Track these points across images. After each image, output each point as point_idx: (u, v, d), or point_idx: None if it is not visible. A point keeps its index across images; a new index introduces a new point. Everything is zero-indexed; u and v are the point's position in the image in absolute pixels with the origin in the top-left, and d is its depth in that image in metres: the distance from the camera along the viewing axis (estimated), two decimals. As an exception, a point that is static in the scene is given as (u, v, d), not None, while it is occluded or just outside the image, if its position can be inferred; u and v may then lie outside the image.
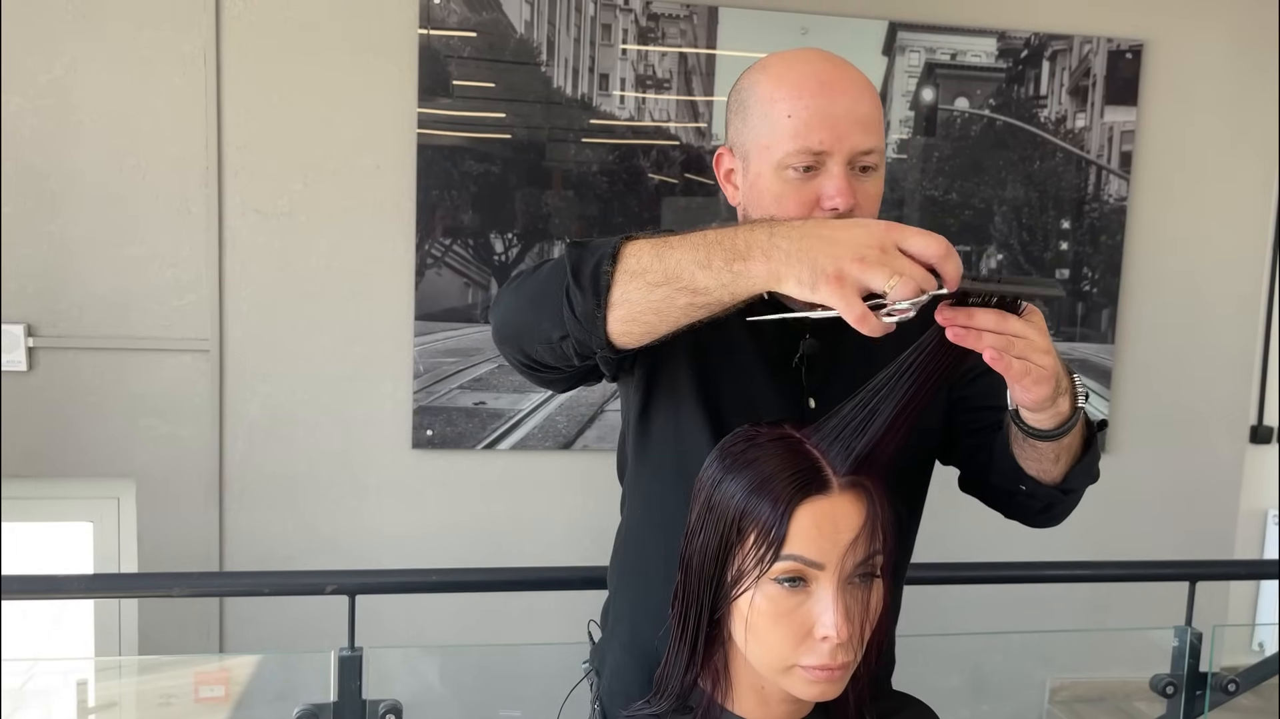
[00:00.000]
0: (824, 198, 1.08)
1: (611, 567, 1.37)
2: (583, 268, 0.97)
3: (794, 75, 1.10)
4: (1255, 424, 3.47)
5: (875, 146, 1.09)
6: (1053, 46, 3.13)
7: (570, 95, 2.89)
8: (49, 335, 2.71)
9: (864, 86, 1.11)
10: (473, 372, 2.92)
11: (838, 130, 1.07)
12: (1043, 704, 3.37)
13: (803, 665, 0.92)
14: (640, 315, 0.95)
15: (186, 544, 2.82)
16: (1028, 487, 1.10)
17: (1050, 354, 0.93)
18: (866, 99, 1.10)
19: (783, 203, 1.09)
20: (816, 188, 1.08)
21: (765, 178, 1.10)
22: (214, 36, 2.70)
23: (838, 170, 1.07)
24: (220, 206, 2.76)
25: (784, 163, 1.08)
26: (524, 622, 2.74)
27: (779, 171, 1.09)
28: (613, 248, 0.96)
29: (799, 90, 1.08)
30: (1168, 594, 2.12)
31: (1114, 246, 3.23)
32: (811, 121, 1.07)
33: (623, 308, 0.95)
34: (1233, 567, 3.18)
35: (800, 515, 0.90)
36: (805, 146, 1.07)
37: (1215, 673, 2.00)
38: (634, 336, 0.97)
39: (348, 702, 1.67)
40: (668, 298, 0.94)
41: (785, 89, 1.09)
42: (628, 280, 0.95)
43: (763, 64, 1.14)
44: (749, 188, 1.14)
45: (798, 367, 1.16)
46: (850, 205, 1.07)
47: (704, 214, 3.00)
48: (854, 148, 1.07)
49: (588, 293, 0.96)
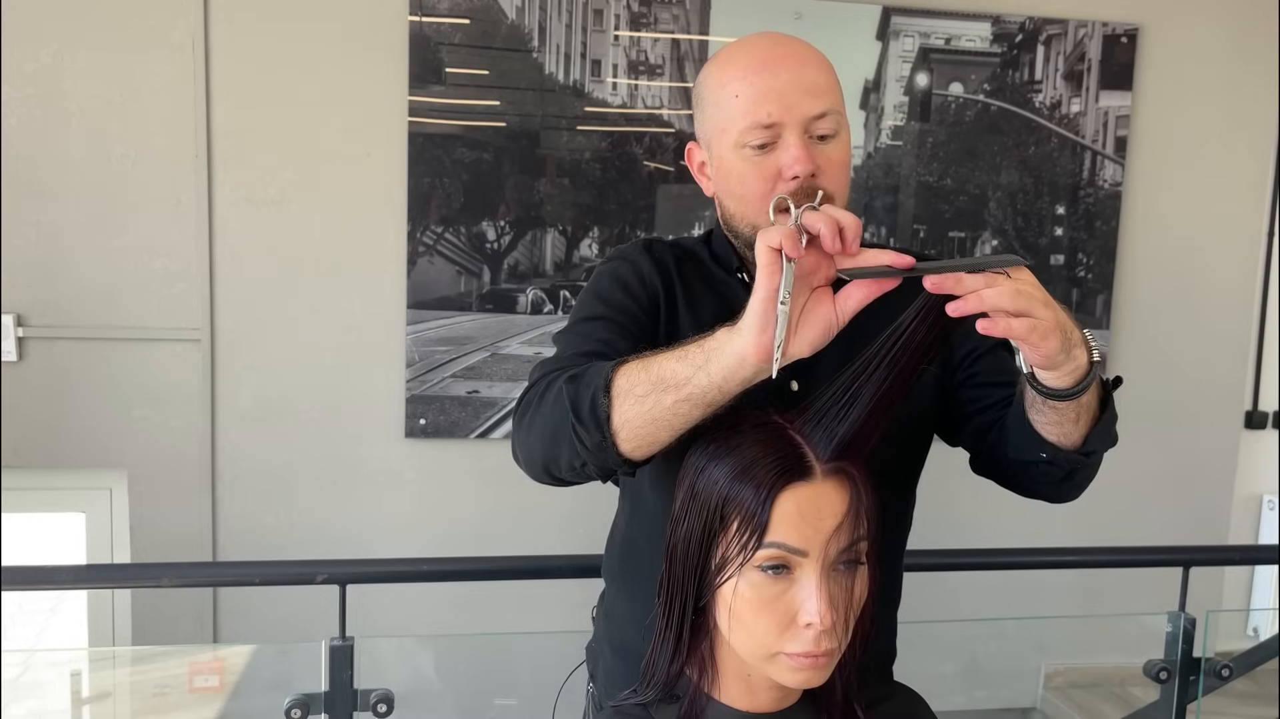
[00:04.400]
0: (784, 168, 1.09)
1: (605, 563, 1.36)
2: (581, 404, 1.00)
3: (738, 57, 1.12)
4: (1250, 409, 3.47)
5: (828, 110, 1.10)
6: (1047, 31, 3.11)
7: (563, 82, 2.87)
8: (39, 325, 2.70)
9: (809, 57, 1.12)
10: (465, 360, 2.91)
11: (785, 100, 1.08)
12: (1037, 690, 3.38)
13: (787, 653, 0.91)
14: (641, 429, 0.97)
15: (179, 534, 2.81)
16: (1049, 454, 1.06)
17: (1050, 305, 0.89)
18: (813, 68, 1.11)
19: (746, 181, 1.11)
20: (775, 161, 1.09)
21: (727, 160, 1.12)
22: (202, 23, 2.68)
23: (794, 139, 1.08)
24: (210, 196, 2.74)
25: (740, 141, 1.10)
26: (516, 611, 2.74)
27: (738, 151, 1.10)
28: (604, 378, 0.98)
29: (743, 70, 1.10)
30: (1162, 580, 2.11)
31: (1109, 232, 3.23)
32: (757, 97, 1.08)
33: (625, 429, 0.97)
34: (1227, 552, 3.18)
35: (783, 502, 0.89)
36: (755, 121, 1.08)
37: (1209, 658, 2.01)
38: (645, 449, 0.98)
39: (339, 691, 1.67)
40: (657, 402, 0.95)
41: (731, 71, 1.11)
42: (621, 402, 0.97)
43: (714, 56, 1.17)
44: (716, 174, 1.16)
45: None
46: (810, 170, 1.08)
47: (698, 201, 2.99)
48: (804, 114, 1.08)
49: (590, 427, 0.98)
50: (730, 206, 1.16)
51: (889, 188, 3.07)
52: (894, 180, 3.07)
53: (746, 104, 1.09)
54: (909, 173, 3.08)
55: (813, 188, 1.08)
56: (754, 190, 1.10)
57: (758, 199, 1.10)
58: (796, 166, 1.08)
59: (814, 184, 1.08)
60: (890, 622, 1.30)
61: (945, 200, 3.11)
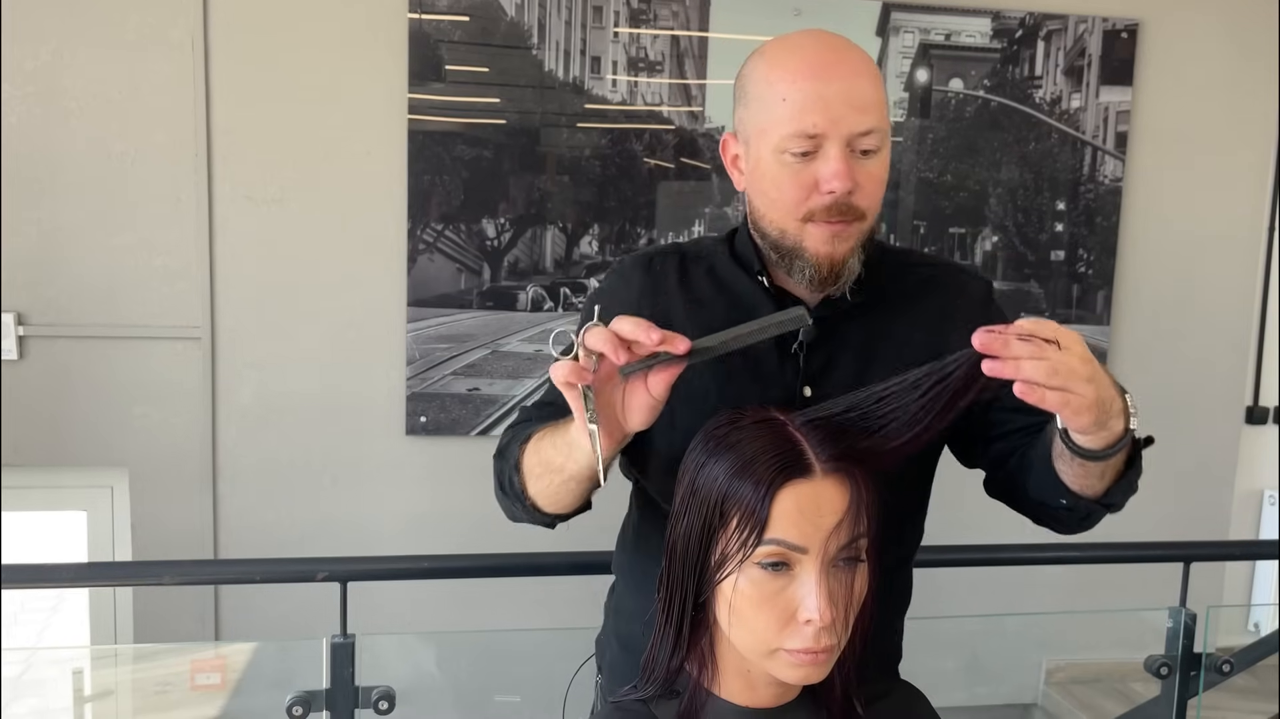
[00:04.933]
0: (821, 181, 1.06)
1: (615, 557, 1.37)
2: (503, 481, 1.16)
3: (789, 58, 1.09)
4: (1251, 405, 3.46)
5: (874, 127, 1.07)
6: (1047, 26, 3.11)
7: (562, 79, 2.87)
8: (39, 324, 2.70)
9: (862, 67, 1.09)
10: (466, 358, 2.91)
11: (832, 113, 1.05)
12: (1038, 686, 3.38)
13: (787, 649, 0.91)
14: (550, 499, 1.11)
15: (181, 532, 2.81)
16: (1069, 501, 1.08)
17: (1092, 381, 0.91)
18: (865, 80, 1.08)
19: (781, 187, 1.09)
20: (814, 171, 1.07)
21: (765, 162, 1.09)
22: (202, 21, 2.68)
23: (835, 153, 1.06)
24: (210, 193, 2.74)
25: (781, 146, 1.07)
26: (517, 608, 2.74)
27: (777, 156, 1.08)
28: (514, 460, 1.13)
29: (794, 73, 1.07)
30: (1163, 575, 2.11)
31: (1109, 228, 3.22)
32: (805, 104, 1.05)
33: (539, 498, 1.12)
34: (1228, 547, 3.19)
35: (782, 498, 0.89)
36: (800, 130, 1.05)
37: (1210, 654, 2.01)
38: (568, 508, 1.12)
39: (340, 689, 1.67)
40: (550, 481, 1.09)
41: (780, 72, 1.08)
42: (528, 479, 1.12)
43: (762, 48, 1.14)
44: (751, 172, 1.13)
45: (796, 353, 1.15)
46: (849, 188, 1.06)
47: (698, 198, 2.99)
48: (850, 130, 1.06)
49: (514, 500, 1.15)
50: (761, 207, 1.13)
51: (889, 184, 3.05)
52: (894, 176, 3.07)
53: (793, 110, 1.06)
54: (909, 169, 3.08)
55: (847, 204, 1.07)
56: (788, 198, 1.08)
57: (791, 206, 1.09)
58: (835, 182, 1.06)
59: (848, 200, 1.07)
60: (898, 625, 1.30)
61: (945, 196, 3.11)
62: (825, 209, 1.07)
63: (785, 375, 1.15)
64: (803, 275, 1.11)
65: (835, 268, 1.11)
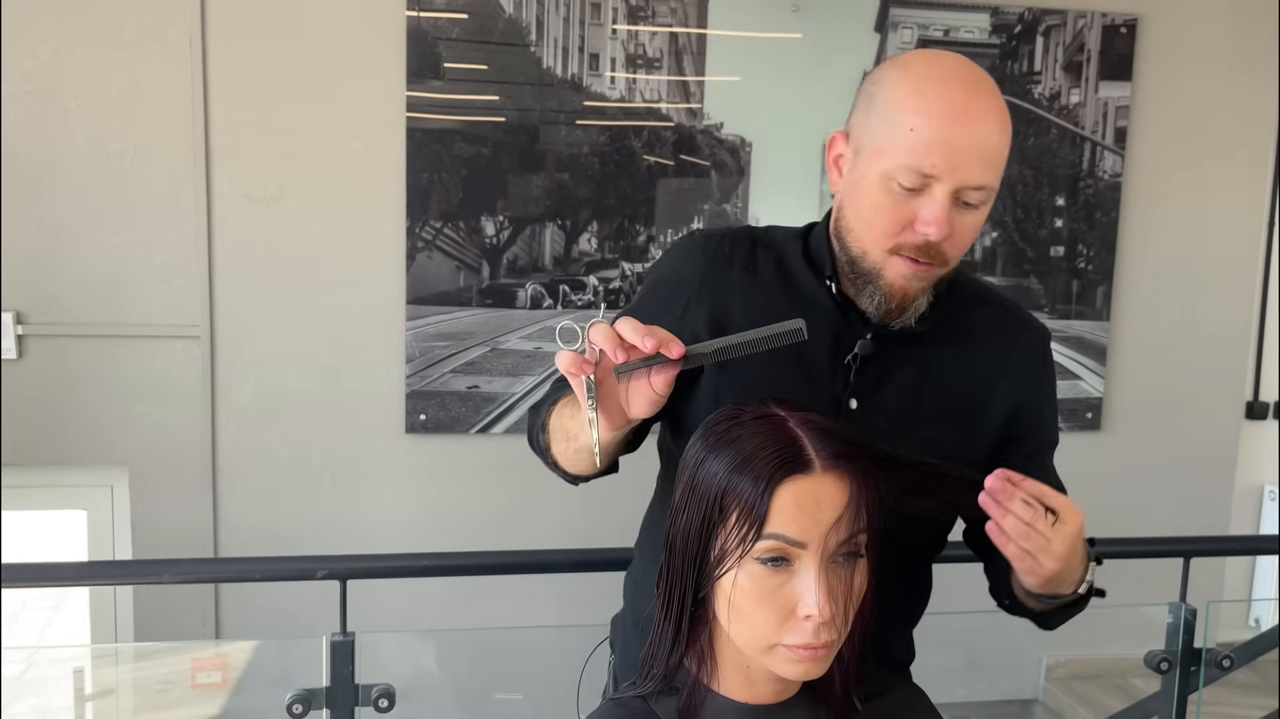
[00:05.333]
0: (920, 222, 1.05)
1: (639, 537, 1.37)
2: (533, 435, 1.22)
3: (931, 89, 1.04)
4: (1251, 400, 3.46)
5: (987, 185, 1.05)
6: (1046, 21, 3.10)
7: (561, 76, 2.87)
8: (38, 323, 2.70)
9: (998, 121, 1.05)
10: (465, 355, 2.91)
11: (954, 160, 1.02)
12: (1039, 682, 3.38)
13: (786, 644, 0.91)
14: (570, 461, 1.15)
15: (181, 531, 2.81)
16: (1009, 604, 1.18)
17: (1060, 561, 0.99)
18: (997, 135, 1.05)
19: (879, 213, 1.07)
20: (915, 209, 1.05)
21: (870, 180, 1.07)
22: (200, 20, 2.68)
23: (941, 199, 1.03)
24: (209, 192, 2.74)
25: (892, 174, 1.04)
26: (516, 605, 2.74)
27: (885, 180, 1.05)
28: (543, 418, 1.18)
29: (931, 106, 1.02)
30: (1163, 571, 2.11)
31: (1109, 223, 3.22)
32: (932, 144, 1.02)
33: (561, 459, 1.17)
34: (1228, 542, 3.19)
35: (781, 494, 0.89)
36: (917, 165, 1.03)
37: (1210, 649, 2.01)
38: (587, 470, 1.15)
39: (340, 687, 1.67)
40: (568, 446, 1.13)
41: (918, 100, 1.03)
42: (552, 439, 1.17)
43: (905, 61, 1.09)
44: (852, 183, 1.10)
45: (849, 364, 1.14)
46: (944, 237, 1.05)
47: (697, 194, 2.98)
48: (965, 181, 1.03)
49: (541, 454, 1.21)
50: (850, 221, 1.11)
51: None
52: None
53: (917, 144, 1.02)
54: (908, 165, 3.07)
55: (937, 248, 1.06)
56: (883, 226, 1.07)
57: (882, 235, 1.07)
58: (933, 228, 1.04)
59: (939, 245, 1.06)
60: (908, 634, 1.30)
61: (945, 192, 3.10)
62: (914, 247, 1.06)
63: (834, 384, 1.14)
64: (871, 300, 1.11)
65: (905, 302, 1.11)
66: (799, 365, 1.13)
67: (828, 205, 3.49)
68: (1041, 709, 3.38)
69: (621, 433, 1.06)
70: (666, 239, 2.99)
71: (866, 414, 1.14)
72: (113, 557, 2.84)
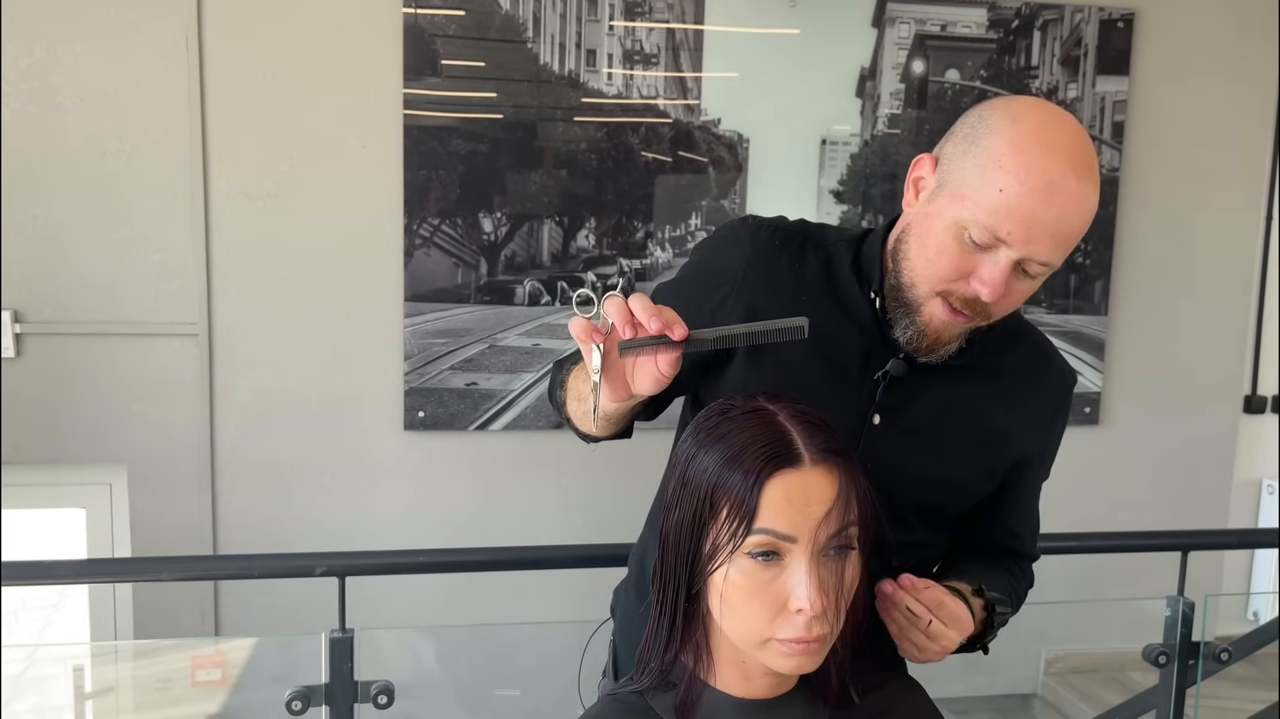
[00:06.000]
0: (976, 278, 1.05)
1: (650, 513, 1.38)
2: (553, 391, 1.25)
3: (1033, 154, 1.01)
4: (1249, 394, 3.47)
5: (1052, 263, 1.06)
6: (1044, 16, 3.10)
7: (558, 73, 2.86)
8: (36, 321, 2.69)
9: (1086, 204, 1.03)
10: (464, 352, 2.91)
11: (1031, 234, 1.01)
12: (1038, 676, 3.38)
13: (778, 639, 0.91)
14: (581, 421, 1.18)
15: (180, 529, 2.81)
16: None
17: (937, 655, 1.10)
18: (1080, 218, 1.04)
19: (941, 255, 1.06)
20: (976, 263, 1.05)
21: (943, 220, 1.06)
22: (196, 17, 2.67)
23: (1004, 264, 1.03)
24: (206, 189, 2.74)
25: (966, 224, 1.03)
26: (515, 602, 2.74)
27: (957, 228, 1.04)
28: (562, 376, 1.22)
29: (1027, 175, 1.00)
30: (1161, 564, 2.12)
31: (1106, 218, 3.22)
32: (1014, 213, 1.01)
33: (573, 417, 1.20)
34: (1225, 536, 3.19)
35: (771, 488, 0.89)
36: (993, 228, 1.02)
37: (1209, 642, 2.01)
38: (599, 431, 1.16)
39: (339, 683, 1.67)
40: (579, 406, 1.16)
41: (1016, 162, 1.01)
42: (567, 395, 1.20)
43: (1018, 113, 1.05)
44: (925, 214, 1.09)
45: (878, 380, 1.15)
46: (995, 299, 1.05)
47: (695, 191, 2.98)
48: (1034, 255, 1.03)
49: (558, 409, 1.25)
50: (911, 249, 1.10)
51: (886, 175, 3.06)
52: (890, 168, 3.06)
53: (1000, 207, 1.01)
54: (906, 160, 3.06)
55: (982, 306, 1.07)
56: (940, 269, 1.07)
57: (935, 277, 1.07)
58: (985, 290, 1.05)
59: (984, 304, 1.06)
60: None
61: (942, 187, 3.10)
62: (962, 298, 1.07)
63: (860, 396, 1.15)
64: (905, 332, 1.11)
65: (936, 344, 1.12)
66: (830, 371, 1.14)
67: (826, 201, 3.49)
68: (1040, 704, 3.38)
69: (627, 405, 1.05)
70: (664, 235, 2.99)
71: (887, 432, 1.15)
72: (112, 554, 2.84)
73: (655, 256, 2.99)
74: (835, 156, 3.04)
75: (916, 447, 1.15)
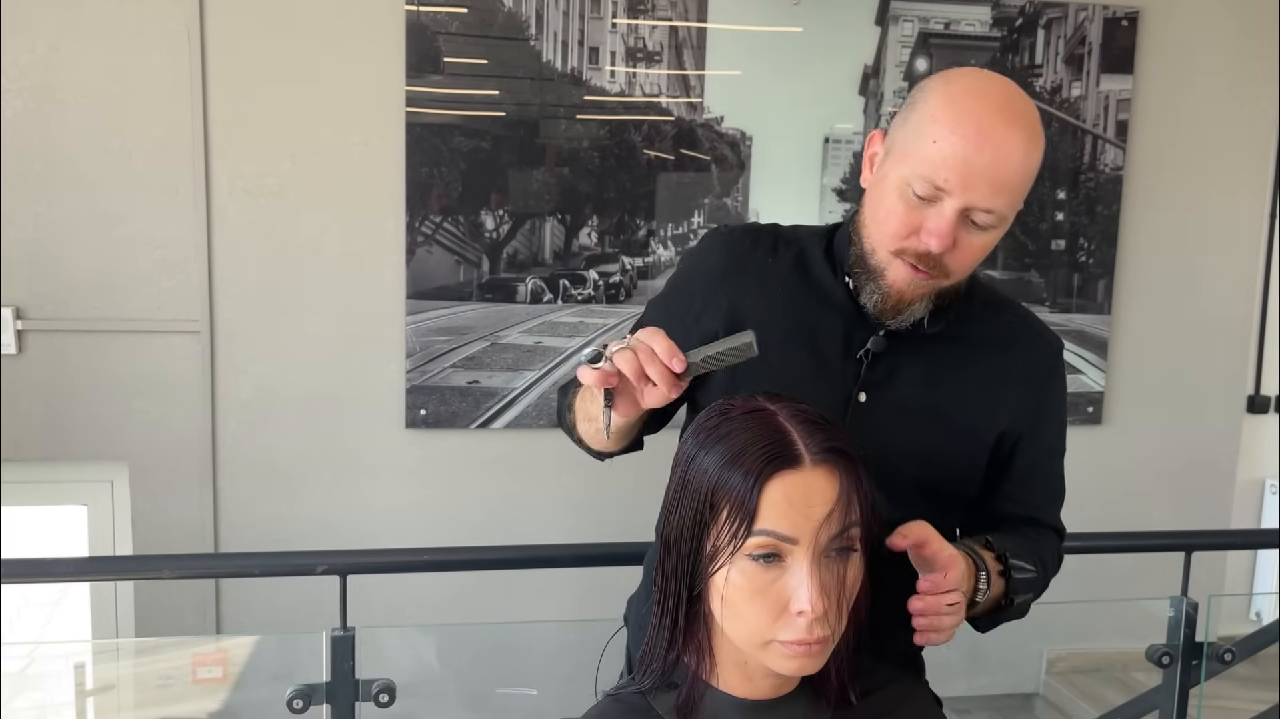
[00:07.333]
0: (924, 231, 1.09)
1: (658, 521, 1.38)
2: (561, 414, 1.30)
3: (962, 107, 1.07)
4: (1252, 394, 3.46)
5: (995, 209, 1.07)
6: (1048, 14, 3.09)
7: (561, 70, 2.86)
8: (37, 318, 2.69)
9: (1020, 150, 1.07)
10: (466, 350, 2.91)
11: (967, 180, 1.05)
12: (1040, 676, 3.38)
13: (780, 640, 0.90)
14: (592, 439, 1.23)
15: (181, 526, 2.81)
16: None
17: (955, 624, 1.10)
18: (1015, 162, 1.06)
19: (891, 215, 1.10)
20: (923, 218, 1.08)
21: (889, 183, 1.10)
22: (198, 13, 2.67)
23: (948, 213, 1.07)
24: (208, 186, 2.73)
25: (909, 180, 1.08)
26: (517, 600, 2.74)
27: (902, 186, 1.09)
28: (569, 399, 1.26)
29: (956, 123, 1.06)
30: (1164, 564, 2.11)
31: (1110, 217, 3.21)
32: (949, 160, 1.05)
33: (584, 437, 1.25)
34: (1228, 536, 3.19)
35: (771, 489, 0.89)
36: (931, 177, 1.06)
37: (1211, 643, 2.01)
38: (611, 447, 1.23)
39: (340, 682, 1.67)
40: (589, 426, 1.21)
41: (947, 115, 1.06)
42: (576, 417, 1.24)
43: (952, 76, 1.12)
44: (876, 182, 1.14)
45: (861, 359, 1.18)
46: (944, 249, 1.08)
47: (698, 188, 2.98)
48: (974, 202, 1.06)
49: (568, 431, 1.29)
50: (866, 216, 1.15)
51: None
52: (894, 166, 3.05)
53: (936, 157, 1.06)
54: (909, 159, 3.07)
55: (938, 260, 1.09)
56: (892, 228, 1.10)
57: (889, 236, 1.11)
58: (934, 240, 1.08)
59: (939, 259, 1.09)
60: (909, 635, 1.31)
61: (945, 186, 3.09)
62: (916, 254, 1.10)
63: (846, 378, 1.18)
64: (871, 298, 1.15)
65: (900, 305, 1.14)
66: (813, 358, 1.17)
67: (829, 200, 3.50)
68: (1042, 703, 3.38)
69: (636, 417, 1.10)
70: (667, 233, 2.98)
71: (875, 409, 1.17)
72: (113, 552, 2.84)
73: (657, 255, 2.98)
74: (838, 155, 3.03)
75: (904, 420, 1.18)
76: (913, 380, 1.19)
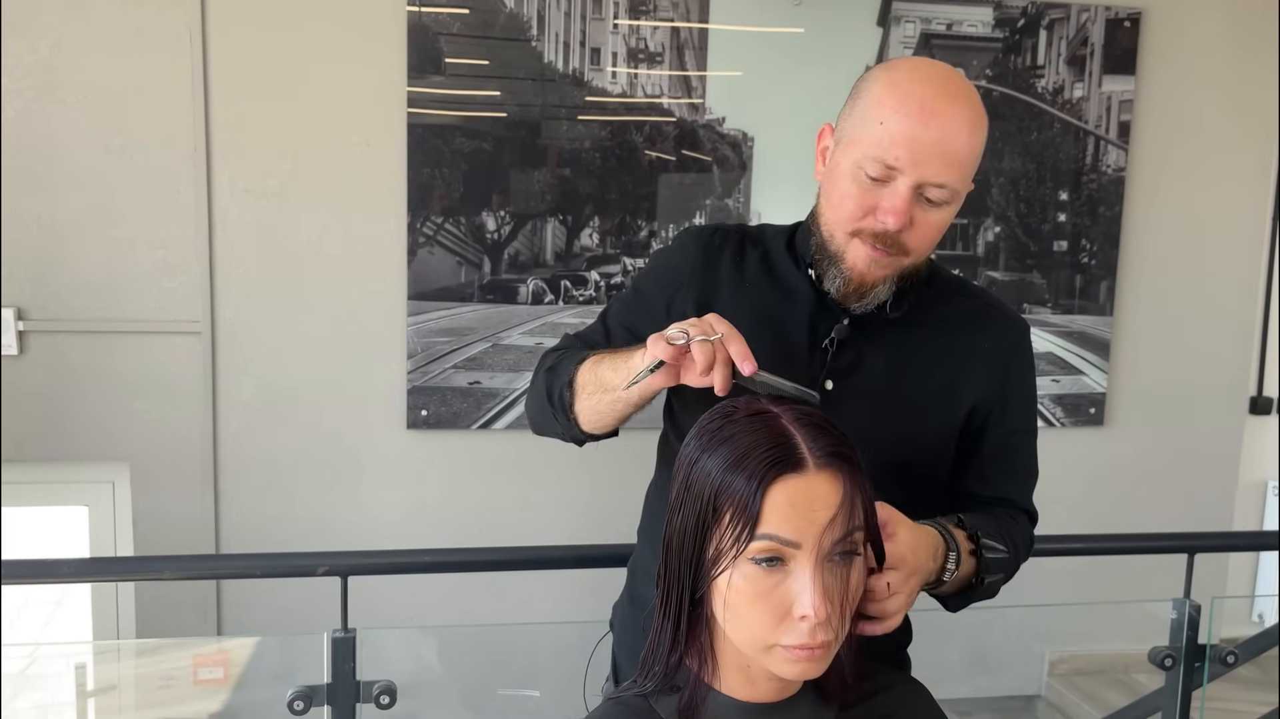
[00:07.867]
0: (879, 210, 1.12)
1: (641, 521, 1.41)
2: (553, 394, 1.26)
3: (905, 89, 1.11)
4: (1255, 395, 3.46)
5: (948, 184, 1.11)
6: (1050, 15, 3.09)
7: (562, 71, 2.86)
8: (39, 319, 2.69)
9: (965, 125, 1.11)
10: (467, 351, 2.91)
11: (917, 156, 1.09)
12: (1042, 677, 3.37)
13: (783, 645, 0.90)
14: (593, 417, 1.21)
15: (182, 527, 2.81)
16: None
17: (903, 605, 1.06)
18: (962, 138, 1.11)
19: (846, 199, 1.14)
20: (879, 198, 1.12)
21: (842, 169, 1.14)
22: (200, 14, 2.67)
23: (902, 191, 1.10)
24: (209, 187, 2.73)
25: (860, 163, 1.11)
26: (518, 602, 2.74)
27: (854, 169, 1.12)
28: (569, 376, 1.23)
29: (901, 103, 1.10)
30: (1167, 566, 2.11)
31: (1112, 218, 3.21)
32: (897, 138, 1.09)
33: (583, 415, 1.23)
34: (1231, 538, 3.18)
35: (774, 493, 0.88)
36: (881, 157, 1.10)
37: (1214, 645, 2.00)
38: (604, 427, 1.23)
39: (341, 683, 1.67)
40: (600, 399, 1.19)
41: (892, 98, 1.11)
42: (578, 395, 1.22)
43: (893, 65, 1.17)
44: (828, 172, 1.18)
45: (826, 348, 1.21)
46: (901, 226, 1.12)
47: (699, 189, 2.98)
48: (925, 177, 1.10)
49: (559, 411, 1.25)
50: (822, 205, 1.19)
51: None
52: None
53: (884, 137, 1.09)
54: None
55: (895, 239, 1.13)
56: (847, 211, 1.14)
57: (846, 219, 1.14)
58: (890, 218, 1.11)
59: (897, 236, 1.12)
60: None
61: (947, 187, 3.09)
62: (874, 234, 1.13)
63: (811, 366, 1.21)
64: (834, 282, 1.18)
65: (863, 287, 1.18)
66: (780, 348, 1.20)
67: (830, 200, 3.36)
68: (1044, 705, 3.37)
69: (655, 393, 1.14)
70: (668, 234, 2.98)
71: (842, 396, 1.19)
72: (114, 553, 2.84)
73: (659, 255, 2.98)
74: (840, 156, 3.03)
75: (871, 405, 1.20)
76: (877, 366, 1.21)
